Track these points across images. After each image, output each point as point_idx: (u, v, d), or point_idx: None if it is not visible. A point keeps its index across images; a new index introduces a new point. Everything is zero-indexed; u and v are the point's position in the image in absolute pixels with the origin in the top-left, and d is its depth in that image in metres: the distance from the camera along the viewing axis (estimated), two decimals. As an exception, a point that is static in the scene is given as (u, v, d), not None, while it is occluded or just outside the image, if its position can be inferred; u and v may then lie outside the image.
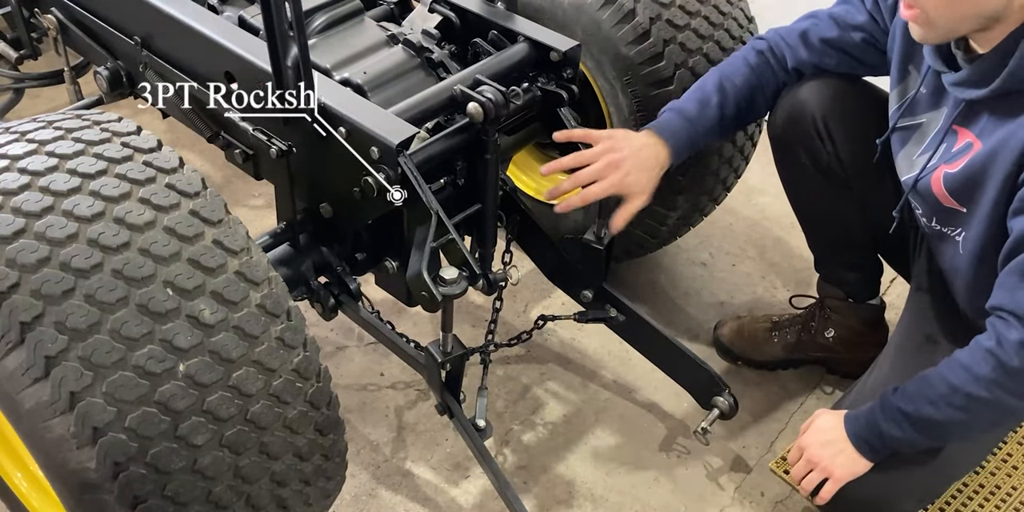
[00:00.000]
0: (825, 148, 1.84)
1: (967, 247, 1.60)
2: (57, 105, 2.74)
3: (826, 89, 1.82)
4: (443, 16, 1.79)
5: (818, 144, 1.84)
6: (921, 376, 1.58)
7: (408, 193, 1.49)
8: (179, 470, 1.19)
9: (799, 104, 1.84)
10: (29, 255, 1.14)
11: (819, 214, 2.00)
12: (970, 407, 1.52)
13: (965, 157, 1.54)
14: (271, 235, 1.71)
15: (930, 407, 1.55)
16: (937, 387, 1.54)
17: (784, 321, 2.23)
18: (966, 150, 1.54)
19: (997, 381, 1.48)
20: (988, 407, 1.51)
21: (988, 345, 1.49)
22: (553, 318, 2.05)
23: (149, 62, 1.79)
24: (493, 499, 1.94)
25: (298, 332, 1.28)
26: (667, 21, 1.88)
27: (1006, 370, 1.47)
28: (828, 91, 1.81)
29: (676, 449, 2.08)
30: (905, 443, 1.60)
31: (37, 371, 1.12)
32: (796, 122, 1.85)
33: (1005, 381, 1.48)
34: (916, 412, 1.56)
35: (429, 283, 1.46)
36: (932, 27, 1.44)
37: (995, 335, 1.48)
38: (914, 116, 1.67)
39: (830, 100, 1.81)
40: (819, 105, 1.82)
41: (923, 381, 1.57)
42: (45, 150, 1.25)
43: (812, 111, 1.82)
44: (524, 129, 1.76)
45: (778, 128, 1.89)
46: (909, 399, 1.57)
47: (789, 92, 1.86)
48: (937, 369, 1.56)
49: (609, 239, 1.85)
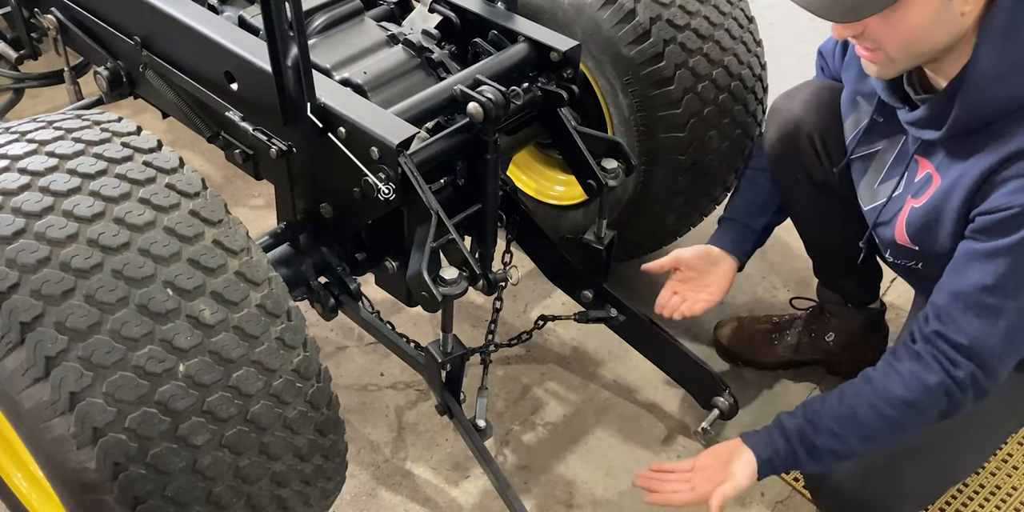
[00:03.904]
0: (821, 163, 1.84)
1: (930, 275, 1.59)
2: (57, 105, 2.74)
3: (818, 104, 1.82)
4: (443, 16, 1.79)
5: (814, 159, 1.84)
6: (846, 414, 1.55)
7: (407, 193, 1.49)
8: (179, 470, 1.19)
9: (792, 120, 1.84)
10: (29, 255, 1.14)
11: (817, 225, 2.00)
12: (903, 436, 1.56)
13: (928, 192, 1.55)
14: (271, 235, 1.71)
15: (863, 443, 1.55)
16: (871, 423, 1.53)
17: (784, 323, 2.23)
18: (928, 183, 1.55)
19: (946, 415, 1.51)
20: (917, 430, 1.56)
21: (936, 381, 1.47)
22: (553, 318, 2.05)
23: (149, 62, 1.79)
24: (493, 499, 1.94)
25: (298, 332, 1.28)
26: (667, 21, 1.88)
27: (960, 408, 1.50)
28: (821, 106, 1.81)
29: (676, 449, 2.08)
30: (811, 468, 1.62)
31: (37, 371, 1.12)
32: (790, 139, 1.85)
33: (951, 413, 1.51)
34: (844, 448, 1.56)
35: (429, 283, 1.46)
36: (892, 64, 1.47)
37: (942, 370, 1.47)
38: (871, 144, 1.67)
39: (823, 115, 1.80)
40: (812, 121, 1.81)
41: (851, 417, 1.54)
42: (45, 150, 1.25)
43: (806, 127, 1.82)
44: (524, 129, 1.76)
45: (773, 145, 1.89)
46: (832, 434, 1.55)
47: (781, 107, 1.87)
48: (867, 403, 1.54)
49: (609, 239, 1.86)
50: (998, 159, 1.40)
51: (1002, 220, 1.40)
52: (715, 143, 2.00)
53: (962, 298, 1.46)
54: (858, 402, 1.55)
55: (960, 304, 1.46)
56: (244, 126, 1.60)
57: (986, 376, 1.47)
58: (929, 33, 1.38)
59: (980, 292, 1.44)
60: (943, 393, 1.48)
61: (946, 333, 1.47)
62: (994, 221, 1.41)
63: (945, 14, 1.35)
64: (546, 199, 2.31)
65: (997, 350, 1.46)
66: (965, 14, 1.36)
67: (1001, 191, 1.40)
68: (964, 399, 1.49)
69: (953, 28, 1.38)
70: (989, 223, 1.42)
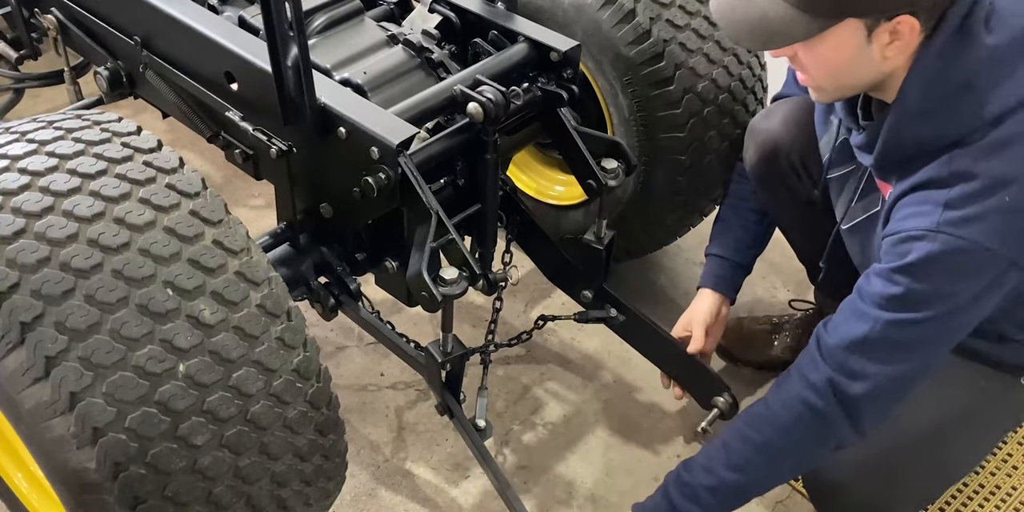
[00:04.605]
0: (803, 183, 1.84)
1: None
2: (57, 105, 2.74)
3: (795, 122, 1.81)
4: (443, 16, 1.79)
5: (795, 180, 1.84)
6: (716, 446, 1.59)
7: (407, 193, 1.49)
8: (179, 470, 1.19)
9: (771, 142, 1.84)
10: (29, 255, 1.14)
11: (805, 238, 2.01)
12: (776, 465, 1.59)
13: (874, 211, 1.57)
14: (271, 235, 1.71)
15: (733, 473, 1.57)
16: (737, 450, 1.57)
17: (783, 323, 2.23)
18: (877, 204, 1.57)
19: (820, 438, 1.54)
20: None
21: (794, 391, 1.51)
22: (553, 318, 2.05)
23: (149, 62, 1.79)
24: (493, 499, 1.94)
25: (298, 332, 1.28)
26: (667, 21, 1.88)
27: (831, 426, 1.51)
28: (798, 124, 1.80)
29: (676, 449, 2.08)
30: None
31: (37, 371, 1.12)
32: (770, 161, 1.85)
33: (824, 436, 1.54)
34: (716, 481, 1.58)
35: (429, 283, 1.46)
36: (823, 92, 1.50)
37: (800, 377, 1.52)
38: (843, 164, 1.68)
39: (801, 134, 1.79)
40: (791, 140, 1.81)
41: (720, 448, 1.58)
42: (45, 150, 1.25)
43: (785, 148, 1.82)
44: (524, 129, 1.76)
45: (753, 167, 1.89)
46: (704, 469, 1.58)
47: (759, 127, 1.87)
48: (734, 430, 1.58)
49: (609, 239, 1.86)
50: (907, 188, 1.42)
51: (893, 243, 1.41)
52: (715, 143, 2.00)
53: (845, 307, 1.49)
54: (728, 433, 1.59)
55: (841, 314, 1.49)
56: (244, 126, 1.60)
57: (847, 380, 1.46)
58: (850, 70, 1.40)
59: (857, 301, 1.46)
60: (801, 404, 1.50)
61: (821, 336, 1.51)
62: (888, 244, 1.43)
63: (864, 56, 1.36)
64: (546, 199, 2.31)
65: (860, 355, 1.45)
66: (888, 58, 1.37)
67: (900, 215, 1.42)
68: (828, 411, 1.48)
69: (875, 69, 1.39)
70: (885, 246, 1.44)
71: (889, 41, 1.34)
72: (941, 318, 1.41)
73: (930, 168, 1.38)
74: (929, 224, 1.36)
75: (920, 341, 1.45)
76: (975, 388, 1.67)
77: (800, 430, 1.52)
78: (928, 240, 1.36)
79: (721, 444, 1.59)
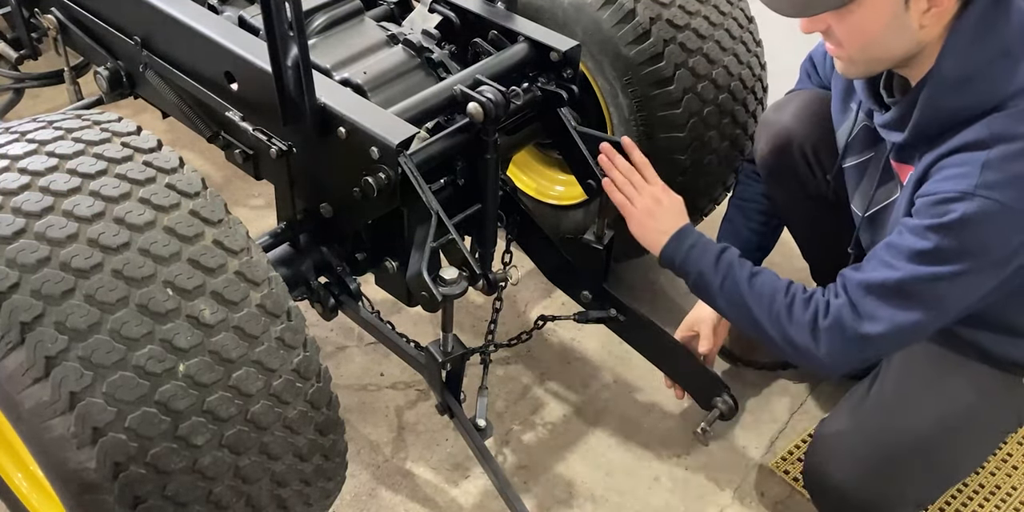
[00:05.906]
0: (814, 174, 1.84)
1: None
2: (57, 105, 2.74)
3: (809, 114, 1.82)
4: (443, 16, 1.79)
5: (806, 171, 1.84)
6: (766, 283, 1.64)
7: (407, 193, 1.49)
8: (179, 470, 1.19)
9: (783, 132, 1.84)
10: (29, 255, 1.14)
11: (811, 234, 2.01)
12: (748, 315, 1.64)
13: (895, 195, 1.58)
14: (271, 235, 1.71)
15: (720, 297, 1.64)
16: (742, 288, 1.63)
17: (784, 322, 2.23)
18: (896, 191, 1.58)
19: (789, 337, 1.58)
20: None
21: (813, 294, 1.57)
22: (553, 318, 2.05)
23: (149, 62, 1.79)
24: (493, 499, 1.94)
25: (298, 332, 1.28)
26: (667, 21, 1.88)
27: (809, 337, 1.56)
28: (811, 116, 1.81)
29: (676, 449, 2.08)
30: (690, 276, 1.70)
31: (37, 371, 1.12)
32: (782, 151, 1.85)
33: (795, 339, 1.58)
34: (713, 286, 1.65)
35: (429, 283, 1.46)
36: (853, 65, 1.50)
37: (823, 291, 1.58)
38: (861, 153, 1.68)
39: (814, 126, 1.80)
40: (804, 132, 1.82)
41: (764, 286, 1.63)
42: (45, 150, 1.25)
43: (798, 139, 1.82)
44: (524, 129, 1.76)
45: (764, 157, 1.89)
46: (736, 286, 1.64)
47: (772, 119, 1.87)
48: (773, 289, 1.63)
49: (609, 239, 1.85)
50: (944, 151, 1.43)
51: (930, 204, 1.42)
52: (715, 143, 2.00)
53: (878, 252, 1.51)
54: (738, 277, 1.64)
55: (875, 259, 1.51)
56: (244, 126, 1.60)
57: (854, 316, 1.50)
58: (884, 40, 1.40)
59: (889, 249, 1.49)
60: (806, 303, 1.56)
61: (848, 273, 1.55)
62: (923, 204, 1.44)
63: (900, 24, 1.37)
64: (546, 199, 2.31)
65: (876, 297, 1.49)
66: (925, 27, 1.37)
67: (937, 177, 1.43)
68: (817, 323, 1.53)
69: (910, 38, 1.39)
70: (920, 206, 1.45)
71: (927, 7, 1.35)
72: (963, 275, 1.44)
73: (968, 132, 1.40)
74: (966, 186, 1.38)
75: (935, 297, 1.48)
76: (977, 388, 1.67)
77: (786, 319, 1.58)
78: (966, 201, 1.38)
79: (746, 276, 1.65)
